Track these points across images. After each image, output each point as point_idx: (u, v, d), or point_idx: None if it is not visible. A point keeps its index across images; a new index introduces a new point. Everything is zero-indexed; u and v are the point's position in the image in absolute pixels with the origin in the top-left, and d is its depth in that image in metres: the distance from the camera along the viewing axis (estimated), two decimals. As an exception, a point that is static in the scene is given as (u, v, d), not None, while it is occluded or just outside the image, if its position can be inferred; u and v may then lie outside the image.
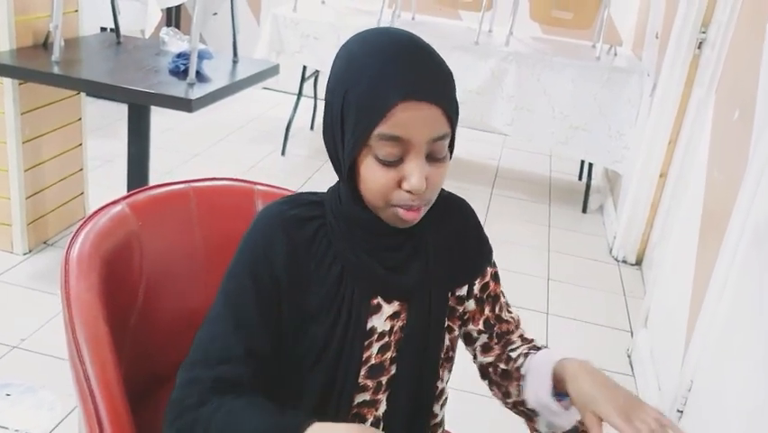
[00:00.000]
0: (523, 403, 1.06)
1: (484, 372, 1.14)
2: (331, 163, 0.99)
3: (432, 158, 0.93)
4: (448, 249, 1.06)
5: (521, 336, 1.16)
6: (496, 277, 1.14)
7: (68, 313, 1.08)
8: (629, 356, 2.68)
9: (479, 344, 1.13)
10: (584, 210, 4.07)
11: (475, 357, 1.15)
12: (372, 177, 0.92)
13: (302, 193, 1.06)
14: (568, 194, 4.30)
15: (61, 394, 2.06)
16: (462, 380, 1.40)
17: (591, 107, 3.75)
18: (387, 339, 1.02)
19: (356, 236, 0.99)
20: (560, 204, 4.13)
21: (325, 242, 0.99)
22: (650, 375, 2.40)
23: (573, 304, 3.02)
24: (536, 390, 1.02)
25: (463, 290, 1.10)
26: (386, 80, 0.88)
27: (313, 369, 0.99)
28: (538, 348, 1.11)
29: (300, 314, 0.98)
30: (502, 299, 1.15)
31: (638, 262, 3.46)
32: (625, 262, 3.47)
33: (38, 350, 2.26)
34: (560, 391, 1.00)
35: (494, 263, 1.14)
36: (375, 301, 1.00)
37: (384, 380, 1.03)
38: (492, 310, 1.13)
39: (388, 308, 1.01)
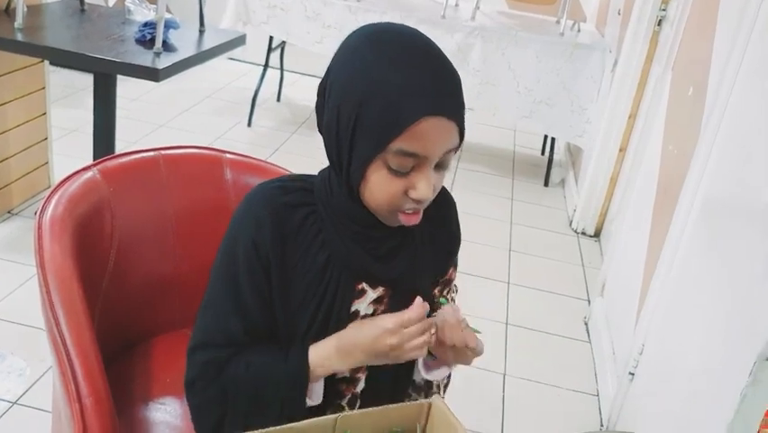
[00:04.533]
0: None
1: None
2: (328, 159, 0.99)
3: (439, 167, 0.95)
4: (433, 239, 1.10)
5: None
6: (455, 264, 1.19)
7: (42, 276, 1.11)
8: (586, 323, 2.78)
9: None
10: (546, 184, 4.16)
11: None
12: (380, 185, 0.93)
13: (294, 177, 1.07)
14: (531, 168, 4.39)
15: (31, 360, 2.08)
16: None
17: (555, 82, 3.82)
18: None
19: (346, 227, 1.01)
20: (523, 177, 4.21)
21: (314, 229, 1.01)
22: (605, 341, 2.51)
23: (533, 274, 3.11)
24: None
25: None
26: (410, 94, 0.88)
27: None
28: None
29: (287, 298, 1.01)
30: (453, 284, 1.20)
31: (597, 234, 3.56)
32: (584, 234, 3.57)
33: (5, 318, 2.26)
34: None
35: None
36: (360, 286, 1.04)
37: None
38: (441, 292, 1.17)
39: (373, 293, 1.05)
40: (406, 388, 1.15)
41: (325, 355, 0.99)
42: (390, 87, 0.87)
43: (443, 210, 1.13)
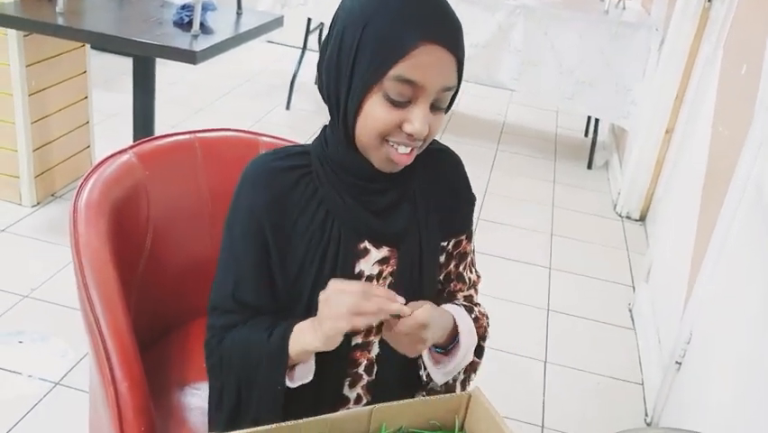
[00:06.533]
0: None
1: None
2: (324, 100, 0.99)
3: (435, 106, 0.94)
4: (437, 198, 1.08)
5: (467, 297, 1.17)
6: (470, 235, 1.15)
7: (76, 259, 1.10)
8: (630, 310, 2.71)
9: None
10: (589, 166, 4.06)
11: None
12: (376, 114, 0.92)
13: (290, 145, 1.09)
14: (574, 150, 4.29)
15: (72, 342, 2.10)
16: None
17: (599, 62, 3.71)
18: (375, 283, 1.04)
19: (342, 180, 1.00)
20: (565, 160, 4.13)
21: (310, 189, 1.01)
22: (650, 328, 2.44)
23: (576, 259, 3.04)
24: None
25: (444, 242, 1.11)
26: (411, 19, 0.89)
27: (307, 313, 1.01)
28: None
29: (288, 260, 1.01)
30: (469, 258, 1.16)
31: (642, 219, 3.47)
32: (628, 218, 3.49)
33: (48, 299, 2.30)
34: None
35: (473, 221, 1.16)
36: (362, 245, 1.02)
37: (374, 323, 1.05)
38: (456, 267, 1.14)
39: (377, 253, 1.03)
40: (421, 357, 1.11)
41: (301, 329, 0.97)
42: (392, 12, 0.90)
43: (447, 169, 1.12)
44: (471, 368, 1.12)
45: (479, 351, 1.11)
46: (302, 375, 0.99)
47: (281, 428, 0.85)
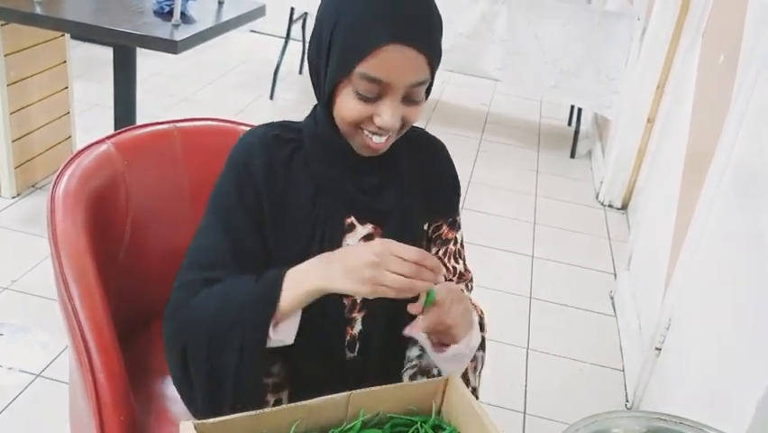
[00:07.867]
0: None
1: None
2: (312, 85, 1.03)
3: (408, 100, 0.96)
4: (423, 184, 1.10)
5: None
6: (453, 224, 1.16)
7: (54, 249, 1.10)
8: (612, 298, 2.74)
9: None
10: (572, 156, 4.08)
11: None
12: (347, 107, 0.95)
13: (284, 120, 1.10)
14: (557, 139, 4.31)
15: (54, 333, 2.09)
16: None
17: (581, 52, 3.73)
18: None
19: (331, 158, 1.03)
20: (549, 149, 4.14)
21: (301, 163, 1.03)
22: (631, 315, 2.46)
23: (559, 247, 3.06)
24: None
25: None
26: (376, 19, 0.90)
27: None
28: None
29: (277, 231, 1.02)
30: (451, 247, 1.16)
31: (624, 207, 3.49)
32: (611, 206, 3.51)
33: (29, 291, 2.28)
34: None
35: (458, 211, 1.17)
36: (348, 221, 1.04)
37: (358, 299, 1.06)
38: (437, 253, 1.15)
39: (362, 229, 1.05)
40: (405, 338, 1.10)
41: (304, 268, 0.93)
42: (358, 11, 0.91)
43: (432, 155, 1.14)
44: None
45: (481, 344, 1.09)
46: (284, 333, 0.95)
47: (260, 414, 0.85)
